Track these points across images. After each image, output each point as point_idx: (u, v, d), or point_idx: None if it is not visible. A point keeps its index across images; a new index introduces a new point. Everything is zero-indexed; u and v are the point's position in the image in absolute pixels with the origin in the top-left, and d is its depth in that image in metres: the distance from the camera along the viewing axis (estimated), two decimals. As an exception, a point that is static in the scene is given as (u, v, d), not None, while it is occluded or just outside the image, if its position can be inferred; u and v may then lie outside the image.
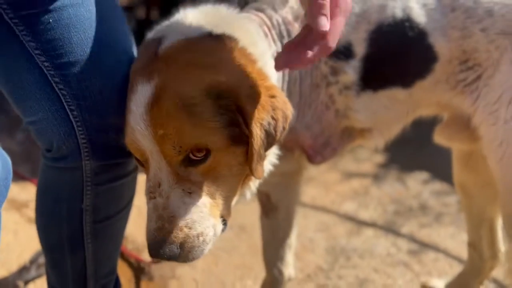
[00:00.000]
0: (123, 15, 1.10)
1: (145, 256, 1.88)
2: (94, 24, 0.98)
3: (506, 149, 1.16)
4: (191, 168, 0.92)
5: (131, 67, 1.03)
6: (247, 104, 0.91)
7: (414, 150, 2.72)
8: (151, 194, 0.94)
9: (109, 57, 1.01)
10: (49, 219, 1.16)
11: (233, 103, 0.91)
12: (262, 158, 0.95)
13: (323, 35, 0.84)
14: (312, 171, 2.62)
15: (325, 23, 0.82)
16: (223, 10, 1.13)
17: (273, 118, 0.95)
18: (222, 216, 0.99)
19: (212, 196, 0.94)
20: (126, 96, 0.99)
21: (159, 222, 0.91)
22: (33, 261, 1.79)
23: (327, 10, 0.82)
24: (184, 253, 0.92)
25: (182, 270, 1.87)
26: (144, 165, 0.99)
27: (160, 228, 0.90)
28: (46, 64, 0.96)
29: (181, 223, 0.91)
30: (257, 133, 0.91)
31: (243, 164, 0.97)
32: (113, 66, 1.01)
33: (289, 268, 1.48)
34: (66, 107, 1.00)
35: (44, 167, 1.13)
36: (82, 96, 0.99)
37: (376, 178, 2.64)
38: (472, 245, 1.60)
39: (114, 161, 1.10)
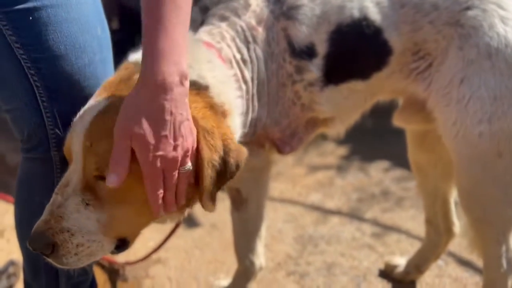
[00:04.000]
0: (102, 22, 1.16)
1: (119, 259, 1.89)
2: (70, 25, 1.05)
3: (460, 126, 1.25)
4: (101, 182, 0.94)
5: (103, 71, 1.10)
6: (204, 145, 0.96)
7: (375, 141, 2.82)
8: (57, 190, 0.97)
9: (80, 57, 1.07)
10: (24, 209, 1.20)
11: None
12: (212, 195, 0.99)
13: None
14: (280, 167, 2.68)
15: (113, 180, 0.89)
16: (197, 47, 1.15)
17: (224, 159, 0.99)
18: (123, 237, 1.01)
19: (112, 216, 0.96)
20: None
21: (48, 216, 0.94)
22: (3, 271, 1.76)
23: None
24: (58, 255, 0.93)
25: (156, 269, 1.89)
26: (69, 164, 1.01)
27: (46, 222, 0.94)
28: (24, 57, 1.03)
29: (65, 226, 0.93)
30: (208, 173, 0.96)
31: None
32: (84, 65, 1.08)
33: (260, 258, 1.54)
34: (39, 98, 1.06)
35: (22, 159, 1.19)
36: (54, 89, 1.06)
37: (340, 169, 2.73)
38: (429, 221, 1.70)
39: None
